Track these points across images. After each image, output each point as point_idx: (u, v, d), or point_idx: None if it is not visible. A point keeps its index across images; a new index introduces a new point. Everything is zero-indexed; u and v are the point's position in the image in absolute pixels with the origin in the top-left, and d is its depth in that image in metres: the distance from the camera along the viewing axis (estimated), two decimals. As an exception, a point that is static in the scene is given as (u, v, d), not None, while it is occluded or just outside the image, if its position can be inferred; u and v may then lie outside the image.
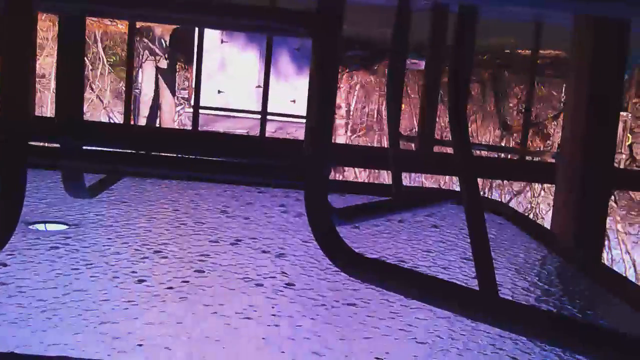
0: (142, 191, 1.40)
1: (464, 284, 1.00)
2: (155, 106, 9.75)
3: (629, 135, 8.31)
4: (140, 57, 9.44)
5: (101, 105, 11.11)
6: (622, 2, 0.55)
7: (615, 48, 1.64)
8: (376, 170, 10.00)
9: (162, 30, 9.47)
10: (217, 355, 0.76)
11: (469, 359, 0.78)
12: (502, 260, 1.16)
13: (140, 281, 0.94)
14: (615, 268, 7.47)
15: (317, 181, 0.69)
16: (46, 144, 0.75)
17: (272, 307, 0.90)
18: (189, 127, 2.20)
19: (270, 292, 0.94)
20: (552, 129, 9.32)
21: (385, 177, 10.72)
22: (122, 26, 9.57)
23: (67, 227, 1.14)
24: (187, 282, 0.95)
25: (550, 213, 1.95)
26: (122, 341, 0.76)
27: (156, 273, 0.97)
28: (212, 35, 8.34)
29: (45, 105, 9.27)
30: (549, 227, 1.69)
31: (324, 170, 0.69)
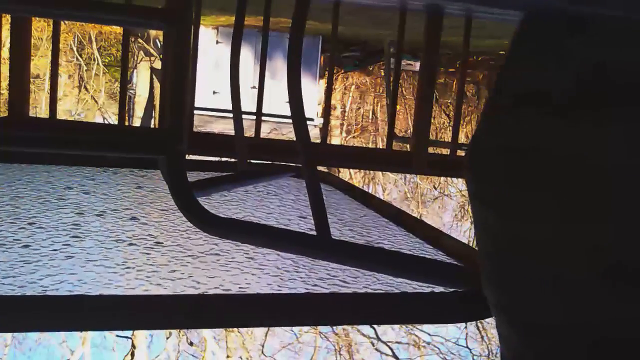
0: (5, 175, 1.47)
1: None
2: (150, 107, 9.74)
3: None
4: (135, 57, 9.43)
5: (96, 106, 11.09)
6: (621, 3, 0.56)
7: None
8: (371, 172, 10.02)
9: (158, 31, 9.46)
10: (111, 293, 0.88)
11: (309, 285, 0.97)
12: (331, 217, 1.34)
13: (26, 246, 1.02)
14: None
15: (175, 154, 0.79)
16: None
17: (147, 260, 1.01)
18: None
19: (142, 249, 1.06)
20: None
21: (382, 177, 10.74)
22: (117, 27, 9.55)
23: None
24: (68, 244, 1.04)
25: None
26: (28, 289, 0.85)
27: (37, 239, 1.06)
28: (207, 36, 8.33)
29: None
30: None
31: (181, 143, 0.78)
